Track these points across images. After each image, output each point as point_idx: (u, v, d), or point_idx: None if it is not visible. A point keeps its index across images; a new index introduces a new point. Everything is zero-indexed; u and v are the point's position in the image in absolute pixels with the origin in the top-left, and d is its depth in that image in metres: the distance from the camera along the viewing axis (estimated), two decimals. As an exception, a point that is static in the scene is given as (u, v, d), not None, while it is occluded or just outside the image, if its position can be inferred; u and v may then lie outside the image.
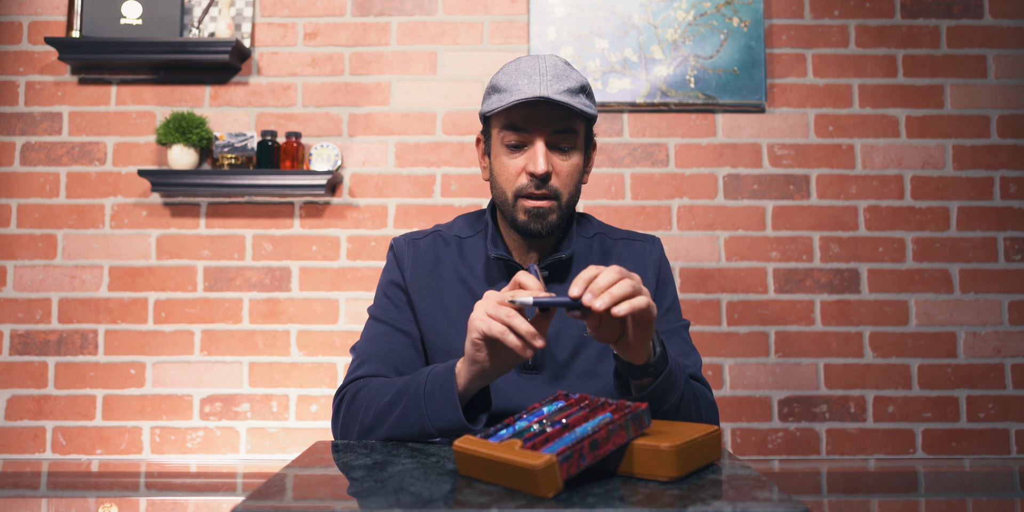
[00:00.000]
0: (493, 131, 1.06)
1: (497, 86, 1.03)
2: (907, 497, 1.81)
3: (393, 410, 0.95)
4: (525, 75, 1.00)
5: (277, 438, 2.04)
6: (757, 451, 2.03)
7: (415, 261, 1.12)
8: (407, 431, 0.94)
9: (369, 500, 0.67)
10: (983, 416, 2.03)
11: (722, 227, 2.09)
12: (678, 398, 0.93)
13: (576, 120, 1.03)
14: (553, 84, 0.99)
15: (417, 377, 0.95)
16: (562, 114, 1.01)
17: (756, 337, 2.06)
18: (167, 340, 2.07)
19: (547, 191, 1.02)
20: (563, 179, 1.03)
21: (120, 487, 1.89)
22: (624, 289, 0.78)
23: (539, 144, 1.01)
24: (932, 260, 2.08)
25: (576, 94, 1.01)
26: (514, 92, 0.99)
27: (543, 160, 1.00)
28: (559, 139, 1.02)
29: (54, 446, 2.04)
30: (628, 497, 0.67)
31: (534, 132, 1.01)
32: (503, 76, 1.03)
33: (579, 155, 1.05)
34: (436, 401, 0.90)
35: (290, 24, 2.15)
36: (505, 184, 1.04)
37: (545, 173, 1.00)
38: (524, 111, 1.00)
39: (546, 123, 1.00)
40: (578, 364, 1.06)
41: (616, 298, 0.78)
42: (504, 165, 1.04)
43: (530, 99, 0.97)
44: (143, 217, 2.10)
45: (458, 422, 0.89)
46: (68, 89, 2.13)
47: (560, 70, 1.01)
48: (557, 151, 1.03)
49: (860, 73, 2.12)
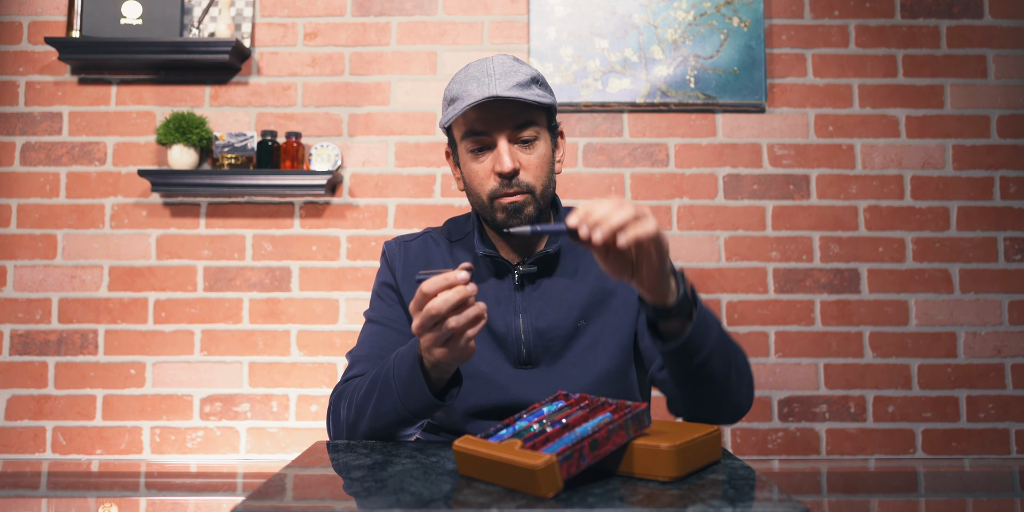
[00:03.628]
0: (457, 141, 1.06)
1: (450, 96, 1.04)
2: (907, 497, 1.81)
3: (369, 401, 0.95)
4: (474, 79, 1.00)
5: (277, 438, 2.04)
6: (757, 451, 2.03)
7: (406, 262, 1.13)
8: (386, 420, 0.94)
9: (369, 500, 0.67)
10: (983, 416, 2.03)
11: (722, 227, 2.09)
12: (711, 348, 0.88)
13: (534, 112, 1.02)
14: (501, 81, 0.99)
15: (386, 363, 0.95)
16: (517, 109, 1.00)
17: (756, 337, 2.06)
18: (167, 340, 2.07)
19: (518, 187, 1.01)
20: (533, 171, 1.03)
21: (120, 487, 1.89)
22: (622, 217, 0.75)
23: (502, 143, 1.01)
24: (932, 260, 2.08)
25: (527, 86, 1.00)
26: (466, 98, 0.99)
27: (508, 158, 1.00)
28: (519, 133, 1.02)
29: (54, 446, 2.04)
30: (628, 497, 0.67)
31: (493, 132, 1.01)
32: (454, 85, 1.03)
33: (545, 146, 1.05)
34: (404, 382, 0.90)
35: (290, 24, 2.15)
36: (478, 189, 1.04)
37: (513, 170, 1.00)
38: (479, 114, 1.00)
39: (503, 121, 1.00)
40: (572, 355, 1.06)
41: (614, 228, 0.75)
42: (473, 171, 1.04)
43: (481, 101, 0.97)
44: (143, 217, 2.10)
45: (427, 399, 0.88)
46: (68, 89, 2.13)
47: (508, 67, 1.01)
48: (521, 145, 1.03)
49: (860, 73, 2.12)
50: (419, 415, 0.92)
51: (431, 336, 0.81)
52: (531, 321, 1.05)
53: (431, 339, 0.82)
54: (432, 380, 0.90)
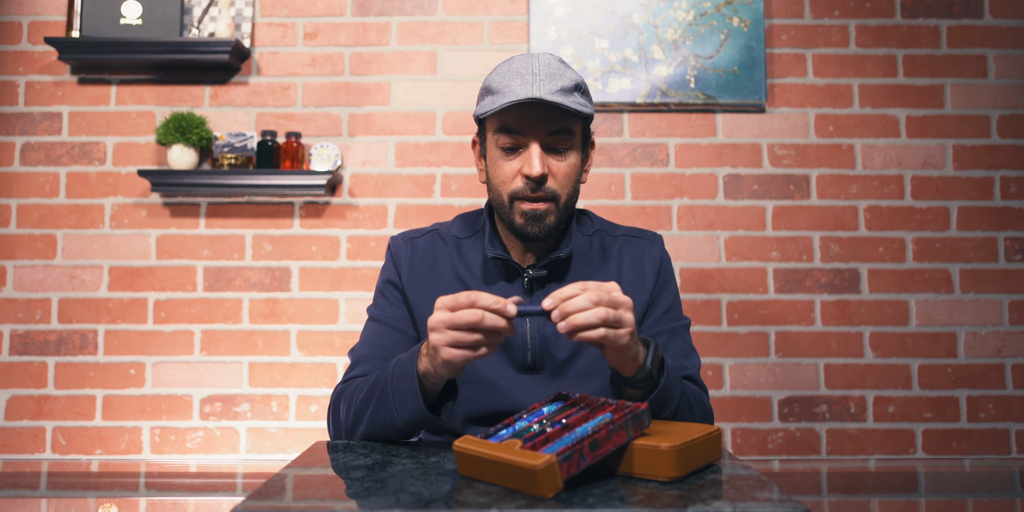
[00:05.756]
0: (488, 133, 1.04)
1: (490, 87, 1.02)
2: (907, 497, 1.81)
3: (367, 406, 0.94)
4: (518, 75, 0.98)
5: (277, 438, 2.04)
6: (757, 451, 2.03)
7: (412, 260, 1.11)
8: (382, 427, 0.93)
9: (369, 500, 0.67)
10: (983, 416, 2.03)
11: (722, 227, 2.09)
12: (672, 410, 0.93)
13: (571, 120, 1.01)
14: (546, 84, 0.97)
15: (385, 370, 0.95)
16: (556, 114, 0.99)
17: (756, 337, 2.06)
18: (167, 340, 2.07)
19: (543, 193, 1.00)
20: (560, 180, 1.01)
21: (120, 487, 1.89)
22: (589, 320, 0.79)
23: (534, 146, 0.99)
24: (932, 260, 2.08)
25: (570, 93, 0.99)
26: (507, 94, 0.97)
27: (539, 162, 0.98)
28: (554, 140, 1.00)
29: (54, 446, 2.04)
30: (628, 497, 0.67)
31: (528, 134, 0.99)
32: (496, 77, 1.01)
33: (576, 155, 1.03)
34: (401, 393, 0.89)
35: (290, 24, 2.15)
36: (501, 187, 1.03)
37: (541, 175, 0.98)
38: (517, 113, 0.98)
39: (540, 124, 0.99)
40: (578, 364, 1.05)
41: (576, 327, 0.79)
42: (500, 168, 1.02)
43: (522, 101, 0.95)
44: (143, 217, 2.10)
45: (421, 412, 0.88)
46: (68, 89, 2.13)
47: (554, 69, 0.99)
48: (553, 152, 1.01)
49: (860, 73, 2.12)
50: (413, 426, 0.91)
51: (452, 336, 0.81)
52: (537, 327, 1.04)
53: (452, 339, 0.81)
54: (426, 390, 0.89)
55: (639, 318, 1.08)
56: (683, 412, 0.95)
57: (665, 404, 0.91)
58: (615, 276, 1.10)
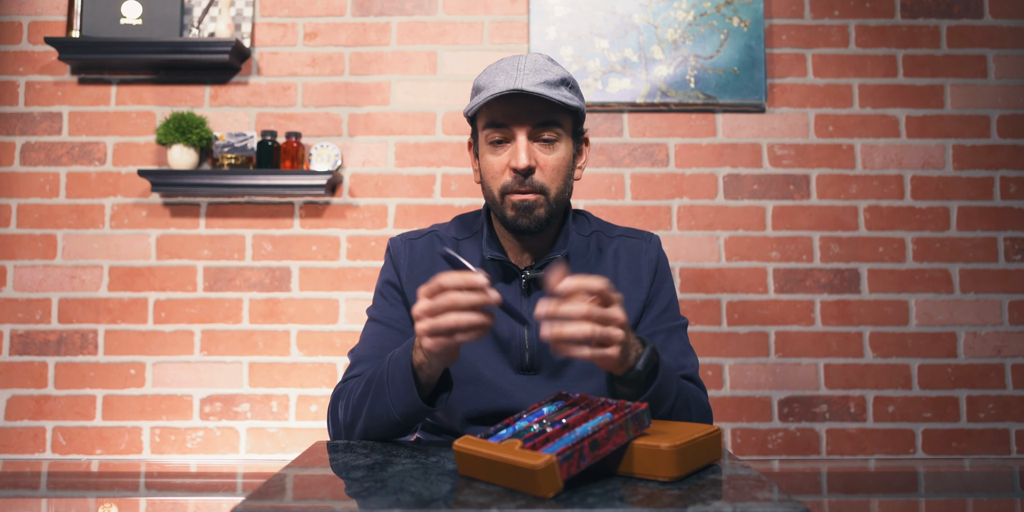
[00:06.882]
0: (479, 132, 1.05)
1: (478, 86, 1.03)
2: (907, 497, 1.81)
3: (364, 402, 0.95)
4: (503, 72, 0.99)
5: (277, 438, 2.04)
6: (757, 451, 2.03)
7: (411, 261, 1.12)
8: (380, 422, 0.94)
9: (369, 500, 0.67)
10: (983, 416, 2.03)
11: (722, 227, 2.09)
12: (668, 409, 0.93)
13: (558, 113, 1.01)
14: (530, 77, 0.98)
15: (381, 365, 0.95)
16: (542, 107, 0.99)
17: (756, 337, 2.06)
18: (167, 340, 2.07)
19: (531, 186, 1.00)
20: (548, 173, 1.01)
21: (120, 487, 1.89)
22: (575, 335, 0.78)
23: (520, 138, 0.99)
24: (932, 260, 2.08)
25: (555, 86, 0.99)
26: (491, 89, 0.98)
27: (524, 154, 0.98)
28: (541, 132, 1.01)
29: (54, 446, 2.04)
30: (628, 497, 0.67)
31: (514, 126, 1.00)
32: (483, 75, 1.02)
33: (565, 149, 1.03)
34: (396, 385, 0.90)
35: (290, 24, 2.15)
36: (492, 182, 1.03)
37: (527, 167, 0.99)
38: (503, 106, 0.99)
39: (525, 117, 0.99)
40: (576, 364, 1.05)
41: (563, 339, 0.79)
42: (489, 163, 1.03)
43: (505, 92, 0.96)
44: (143, 217, 2.10)
45: (416, 404, 0.89)
46: (68, 89, 2.13)
47: (540, 65, 1.00)
48: (541, 144, 1.01)
49: (860, 73, 2.12)
50: (410, 419, 0.92)
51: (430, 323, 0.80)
52: (536, 327, 1.05)
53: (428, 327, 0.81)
54: (421, 383, 0.89)
55: (635, 318, 1.08)
56: (679, 411, 0.95)
57: (659, 403, 0.91)
58: (612, 276, 1.10)
